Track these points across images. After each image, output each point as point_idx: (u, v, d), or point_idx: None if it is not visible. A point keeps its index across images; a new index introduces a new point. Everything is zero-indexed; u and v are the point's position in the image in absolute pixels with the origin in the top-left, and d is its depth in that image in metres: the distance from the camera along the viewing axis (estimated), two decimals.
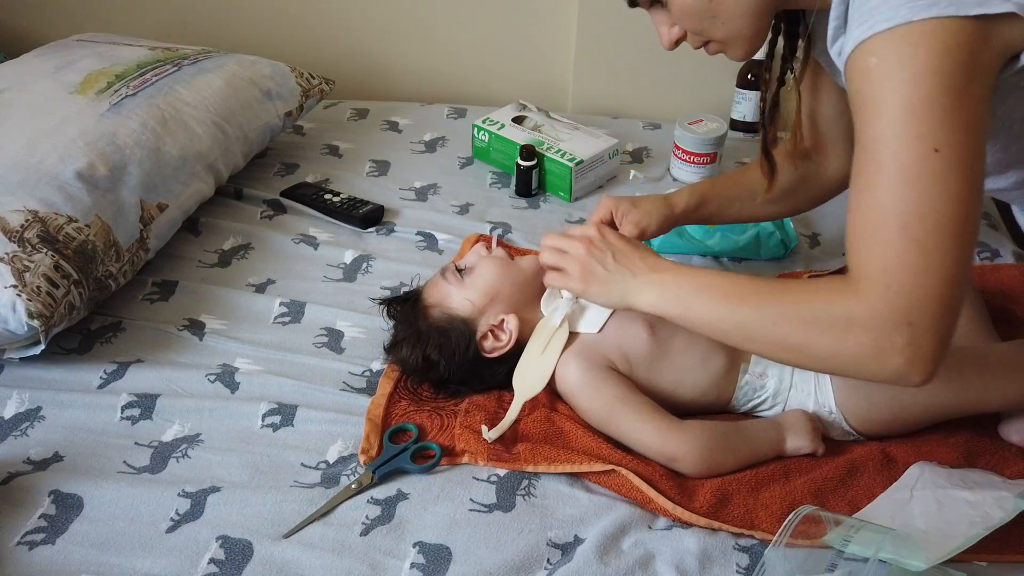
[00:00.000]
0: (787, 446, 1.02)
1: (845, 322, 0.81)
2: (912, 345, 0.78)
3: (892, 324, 0.78)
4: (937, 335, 0.78)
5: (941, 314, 0.78)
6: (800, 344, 0.85)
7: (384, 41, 2.00)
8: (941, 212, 0.76)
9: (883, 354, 0.79)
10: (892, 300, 0.78)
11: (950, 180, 0.76)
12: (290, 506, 0.95)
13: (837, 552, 0.85)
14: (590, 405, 1.04)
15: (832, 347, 0.82)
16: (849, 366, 0.83)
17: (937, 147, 0.75)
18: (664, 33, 0.97)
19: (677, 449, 0.99)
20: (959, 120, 0.75)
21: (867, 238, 0.80)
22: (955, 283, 0.77)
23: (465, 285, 1.11)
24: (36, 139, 1.25)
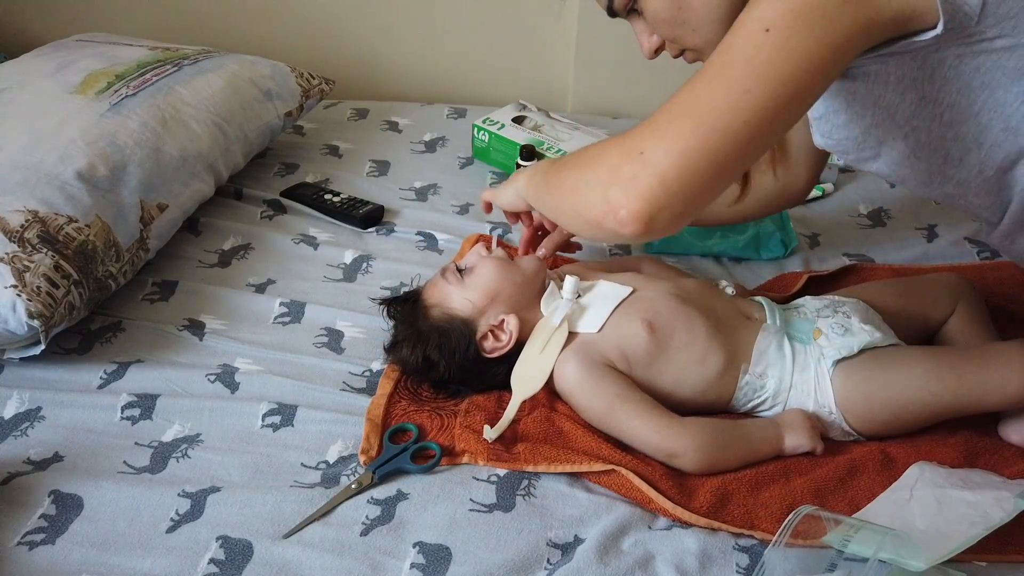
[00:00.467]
0: (786, 444, 1.02)
1: (598, 151, 0.82)
2: (631, 173, 0.77)
3: (628, 151, 0.78)
4: (658, 175, 0.77)
5: (672, 157, 0.76)
6: (567, 182, 0.88)
7: (384, 41, 2.00)
8: (730, 74, 0.75)
9: (608, 180, 0.79)
10: (641, 132, 0.79)
11: (762, 54, 0.75)
12: (290, 506, 0.95)
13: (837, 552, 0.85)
14: (589, 403, 1.04)
15: (578, 177, 0.84)
16: (581, 195, 0.83)
17: (769, 28, 0.75)
18: (644, 42, 0.99)
19: (677, 445, 0.99)
20: (807, 21, 0.75)
21: None
22: (706, 142, 0.76)
23: (465, 285, 1.11)
24: (36, 139, 1.25)
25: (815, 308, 1.13)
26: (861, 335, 1.07)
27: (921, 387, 1.02)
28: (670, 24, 0.93)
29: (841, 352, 1.05)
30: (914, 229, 1.48)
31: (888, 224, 1.50)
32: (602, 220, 0.81)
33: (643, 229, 0.78)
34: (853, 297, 1.15)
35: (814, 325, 1.10)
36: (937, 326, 1.17)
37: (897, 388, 1.02)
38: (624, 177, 0.78)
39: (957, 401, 1.02)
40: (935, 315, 1.17)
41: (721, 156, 0.77)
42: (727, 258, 1.42)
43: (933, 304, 1.17)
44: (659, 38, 0.97)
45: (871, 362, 1.05)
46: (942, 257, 1.40)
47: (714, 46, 0.94)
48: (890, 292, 1.17)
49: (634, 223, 0.78)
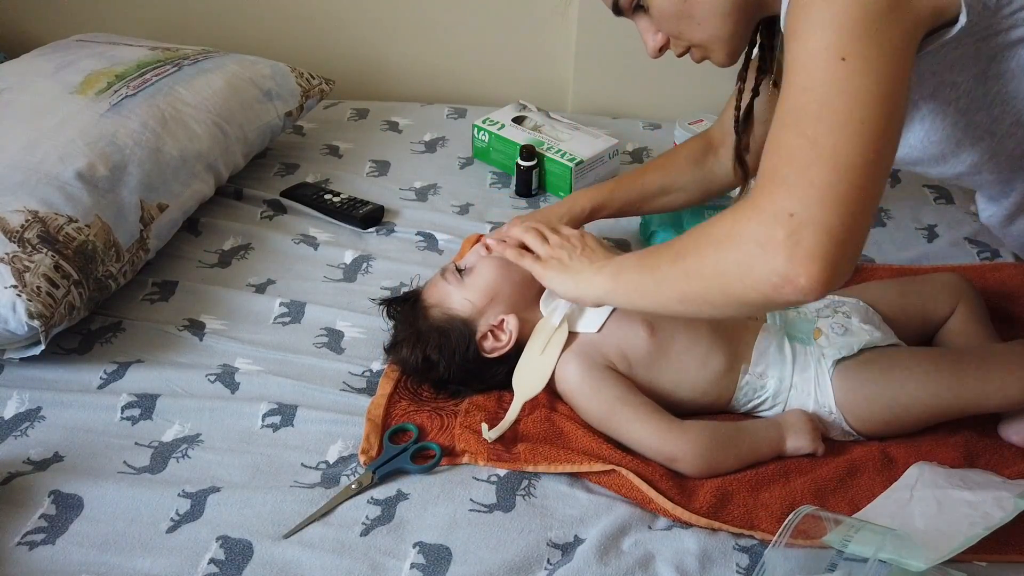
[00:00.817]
0: (787, 446, 1.02)
1: (730, 225, 0.78)
2: (793, 238, 0.72)
3: (773, 217, 0.74)
4: (823, 229, 0.72)
5: (829, 207, 0.73)
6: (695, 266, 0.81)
7: (384, 41, 2.00)
8: (841, 111, 0.74)
9: (765, 252, 0.74)
10: (775, 191, 0.75)
11: (855, 83, 0.74)
12: (290, 506, 0.95)
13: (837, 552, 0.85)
14: (589, 405, 1.04)
15: (719, 256, 0.79)
16: (734, 272, 0.77)
17: (845, 56, 0.74)
18: (648, 40, 0.98)
19: (676, 449, 0.99)
20: (874, 40, 0.74)
21: (767, 149, 0.78)
22: (850, 180, 0.73)
23: (465, 285, 1.11)
24: (36, 139, 1.25)
25: (815, 308, 1.13)
26: (861, 335, 1.07)
27: (921, 388, 1.02)
28: (676, 19, 0.93)
29: (841, 352, 1.05)
30: (914, 229, 1.48)
31: (888, 224, 1.50)
32: (775, 295, 0.75)
33: (827, 289, 0.73)
34: (853, 297, 1.15)
35: (814, 325, 1.10)
36: (937, 326, 1.17)
37: (897, 388, 1.02)
38: (785, 244, 0.73)
39: (957, 402, 1.02)
40: (935, 315, 1.17)
41: (869, 189, 0.75)
42: None
43: (933, 304, 1.17)
44: (663, 36, 0.97)
45: (871, 362, 1.05)
46: (942, 257, 1.40)
47: (720, 41, 0.95)
48: (890, 292, 1.18)
49: (817, 286, 0.73)
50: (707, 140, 1.30)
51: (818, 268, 0.72)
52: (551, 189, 1.58)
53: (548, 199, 1.57)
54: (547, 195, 1.58)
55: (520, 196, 1.57)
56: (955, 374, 1.02)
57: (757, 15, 0.95)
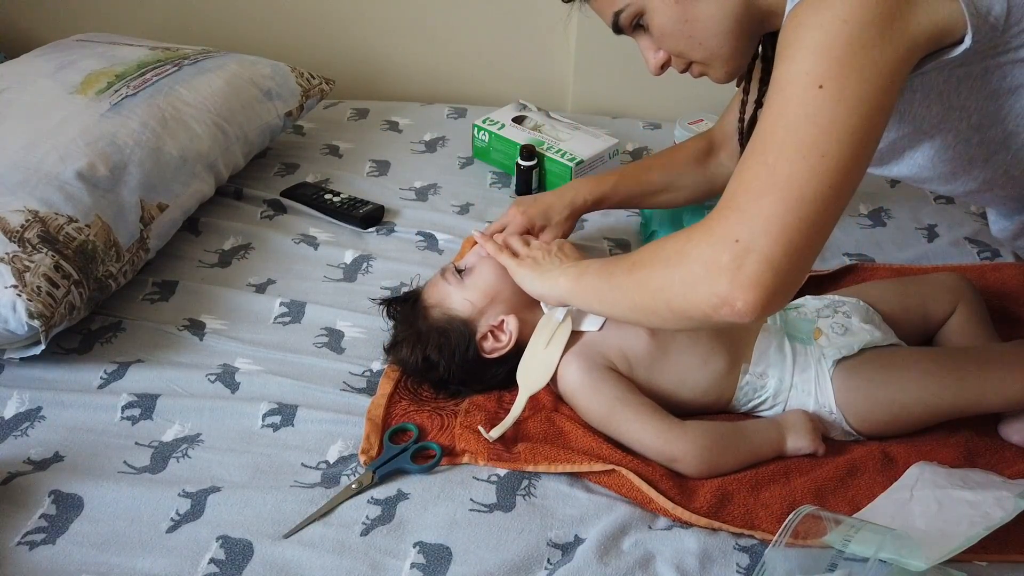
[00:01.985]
0: (787, 446, 1.02)
1: (683, 244, 0.80)
2: (735, 263, 0.75)
3: (720, 241, 0.76)
4: (764, 258, 0.74)
5: (774, 237, 0.74)
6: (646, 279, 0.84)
7: (384, 41, 2.00)
8: (803, 141, 0.74)
9: (709, 273, 0.76)
10: (726, 218, 0.77)
11: (825, 114, 0.74)
12: (290, 506, 0.95)
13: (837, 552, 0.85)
14: (589, 406, 1.04)
15: (669, 274, 0.81)
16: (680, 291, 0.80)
17: (822, 83, 0.74)
18: (650, 58, 0.99)
19: (677, 450, 0.99)
20: (855, 68, 0.74)
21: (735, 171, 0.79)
22: (800, 213, 0.74)
23: (465, 286, 1.11)
24: (36, 139, 1.25)
25: (815, 308, 1.13)
26: (861, 335, 1.07)
27: (921, 388, 1.02)
28: (676, 38, 0.93)
29: (841, 352, 1.05)
30: (914, 229, 1.48)
31: (888, 224, 1.50)
32: (714, 314, 0.78)
33: (762, 315, 0.76)
34: (853, 297, 1.15)
35: (814, 325, 1.10)
36: (937, 326, 1.17)
37: (897, 388, 1.02)
38: (727, 268, 0.75)
39: (957, 402, 1.02)
40: (935, 314, 1.17)
41: (818, 223, 0.76)
42: None
43: (933, 303, 1.17)
44: (664, 54, 0.98)
45: (871, 362, 1.05)
46: (942, 257, 1.40)
47: (720, 59, 0.95)
48: (890, 292, 1.18)
49: (753, 311, 0.76)
50: (709, 140, 1.30)
51: (755, 295, 0.75)
52: (551, 189, 1.58)
53: None
54: None
55: (520, 196, 1.57)
56: (955, 374, 1.02)
57: (758, 32, 0.95)
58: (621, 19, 0.95)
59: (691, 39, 0.93)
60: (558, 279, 1.01)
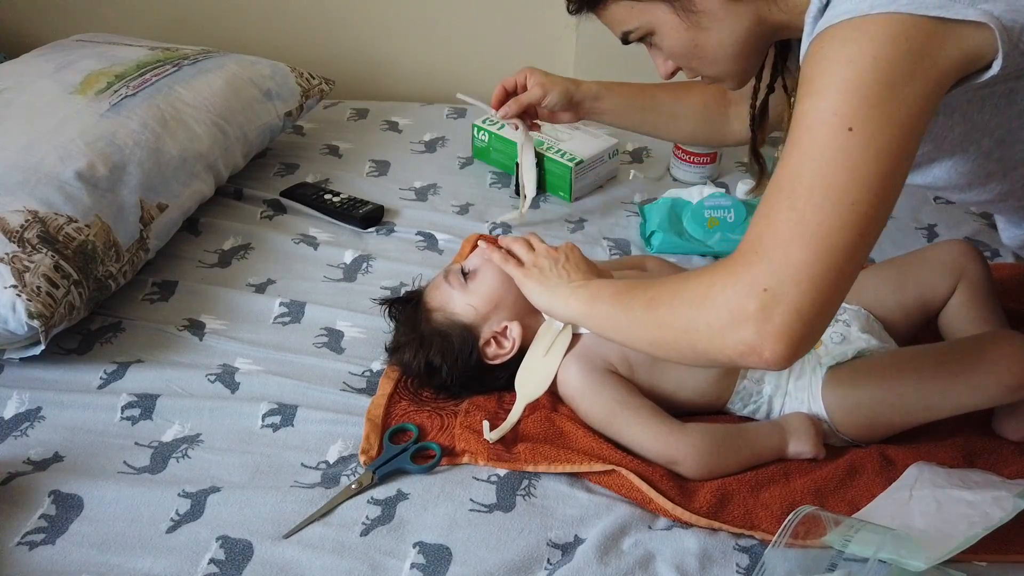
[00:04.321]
0: (789, 450, 1.02)
1: (706, 287, 0.79)
2: (764, 313, 0.74)
3: (747, 288, 0.75)
4: (793, 309, 0.74)
5: (803, 288, 0.74)
6: (667, 318, 0.83)
7: (384, 41, 2.00)
8: (833, 188, 0.73)
9: (736, 320, 0.76)
10: (752, 264, 0.76)
11: (855, 160, 0.73)
12: (290, 506, 0.95)
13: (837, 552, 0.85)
14: (591, 408, 1.04)
15: (691, 314, 0.80)
16: (704, 334, 0.79)
17: (852, 126, 0.73)
18: (659, 65, 0.99)
19: (678, 452, 0.99)
20: (884, 109, 0.73)
21: (759, 211, 0.78)
22: (828, 263, 0.74)
23: (469, 291, 1.10)
24: (36, 139, 1.25)
25: None
26: (858, 343, 1.07)
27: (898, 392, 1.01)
28: (687, 59, 0.94)
29: (835, 359, 1.05)
30: (914, 229, 1.48)
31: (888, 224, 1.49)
32: (740, 360, 0.78)
33: (789, 363, 0.76)
34: (854, 304, 1.14)
35: None
36: (936, 310, 1.16)
37: (875, 392, 1.02)
38: (755, 318, 0.75)
39: (946, 403, 1.01)
40: (934, 301, 1.15)
41: (846, 271, 0.76)
42: None
43: (931, 291, 1.15)
44: (674, 64, 0.98)
45: (859, 368, 1.04)
46: None
47: (733, 76, 0.95)
48: (886, 291, 1.16)
49: (780, 361, 0.76)
50: (722, 90, 1.28)
51: (783, 346, 0.75)
52: (551, 189, 1.58)
53: (548, 199, 1.57)
54: (547, 195, 1.58)
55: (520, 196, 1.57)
56: (938, 374, 1.01)
57: (770, 43, 0.95)
58: (630, 37, 0.95)
59: (702, 60, 0.93)
60: (568, 300, 1.00)
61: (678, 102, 1.30)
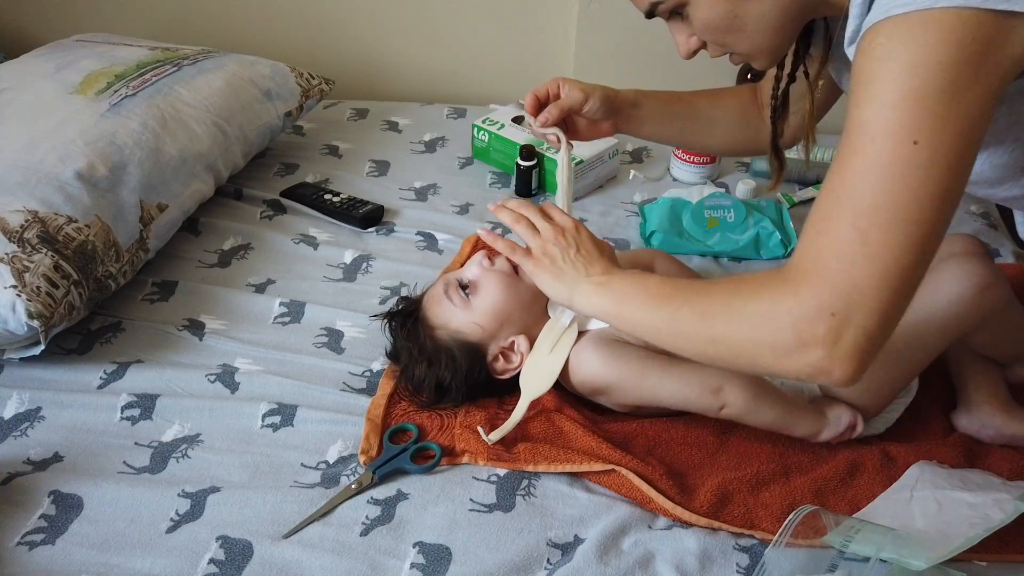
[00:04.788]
0: (828, 414, 1.02)
1: (768, 307, 0.77)
2: (832, 336, 0.74)
3: (815, 312, 0.74)
4: (862, 331, 0.74)
5: (870, 310, 0.73)
6: (723, 335, 0.81)
7: (384, 41, 2.00)
8: (899, 207, 0.72)
9: (803, 344, 0.75)
10: (819, 287, 0.75)
11: (921, 176, 0.71)
12: (290, 506, 0.95)
13: (837, 552, 0.85)
14: (619, 373, 1.02)
15: (753, 335, 0.79)
16: (768, 355, 0.78)
17: (917, 139, 0.71)
18: (682, 43, 0.94)
19: (722, 378, 0.98)
20: (951, 119, 0.71)
21: (815, 221, 0.77)
22: (894, 284, 0.73)
23: (472, 308, 1.08)
24: (36, 139, 1.25)
25: None
26: None
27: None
28: (723, 31, 0.89)
29: None
30: None
31: None
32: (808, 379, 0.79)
33: (857, 380, 0.76)
34: None
35: None
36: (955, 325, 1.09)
37: None
38: (824, 342, 0.74)
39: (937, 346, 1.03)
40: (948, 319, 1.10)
41: (911, 287, 0.75)
42: (727, 258, 1.42)
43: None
44: (698, 40, 0.93)
45: None
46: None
47: (765, 51, 0.91)
48: None
49: (850, 379, 0.76)
50: (754, 93, 1.24)
51: (853, 366, 0.75)
52: (551, 189, 1.58)
53: (548, 199, 1.57)
54: (547, 195, 1.58)
55: (520, 196, 1.57)
56: None
57: (805, 19, 0.91)
58: (660, 9, 0.90)
59: (739, 32, 0.88)
60: (591, 297, 0.93)
61: (715, 107, 1.23)
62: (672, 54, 0.99)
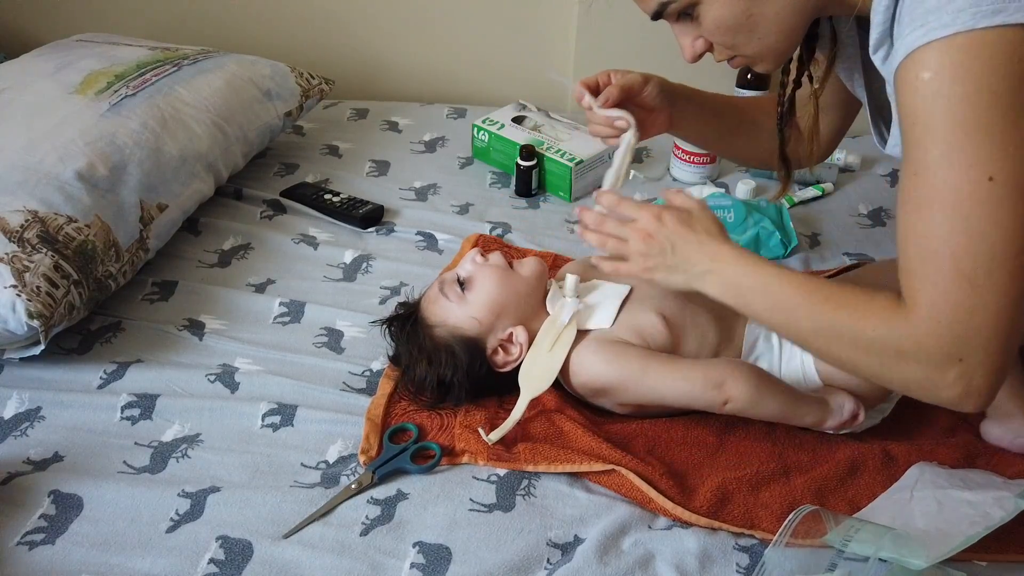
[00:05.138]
0: (831, 403, 1.02)
1: (895, 351, 0.81)
2: (964, 380, 0.78)
3: (943, 359, 0.78)
4: (990, 370, 0.78)
5: (993, 350, 0.77)
6: (851, 361, 0.86)
7: (384, 41, 2.00)
8: (994, 246, 0.74)
9: (935, 386, 0.80)
10: (942, 336, 0.78)
11: (1006, 211, 0.73)
12: (290, 506, 0.95)
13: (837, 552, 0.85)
14: (621, 372, 1.02)
15: (883, 371, 0.84)
16: (900, 389, 0.86)
17: (992, 175, 0.72)
18: (687, 46, 0.93)
19: (725, 372, 0.99)
20: (1016, 144, 0.71)
21: (917, 267, 0.79)
22: (1009, 317, 0.76)
23: (468, 302, 1.08)
24: (36, 139, 1.25)
25: None
26: None
27: None
28: (734, 33, 0.88)
29: None
30: None
31: (888, 224, 1.49)
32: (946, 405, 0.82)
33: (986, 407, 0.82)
34: None
35: None
36: None
37: None
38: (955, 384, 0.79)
39: None
40: None
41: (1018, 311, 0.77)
42: None
43: None
44: (705, 42, 0.92)
45: None
46: None
47: (776, 54, 0.91)
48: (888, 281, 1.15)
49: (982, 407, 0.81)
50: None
51: (984, 400, 0.80)
52: (551, 189, 1.58)
53: (548, 199, 1.57)
54: (547, 195, 1.58)
55: (520, 196, 1.57)
56: None
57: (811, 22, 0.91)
58: (670, 8, 0.89)
59: (750, 34, 0.88)
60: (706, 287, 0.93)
61: (756, 109, 1.20)
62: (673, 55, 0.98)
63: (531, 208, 1.55)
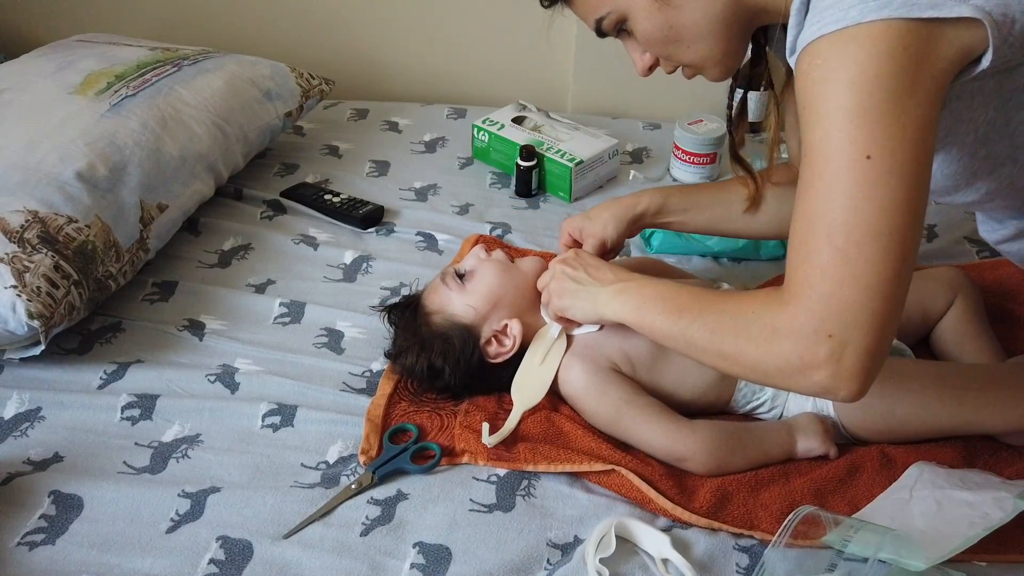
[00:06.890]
0: (798, 448, 1.02)
1: (770, 331, 0.80)
2: (834, 358, 0.76)
3: (813, 335, 0.77)
4: (861, 349, 0.76)
5: (865, 328, 0.75)
6: (732, 353, 0.84)
7: (384, 41, 2.00)
8: (869, 222, 0.74)
9: (807, 366, 0.78)
10: (812, 310, 0.77)
11: (881, 188, 0.73)
12: (290, 506, 0.95)
13: (837, 552, 0.85)
14: (596, 408, 1.04)
15: (759, 356, 0.82)
16: (776, 376, 0.82)
17: (870, 154, 0.73)
18: (637, 59, 0.97)
19: (686, 449, 0.99)
20: (897, 127, 0.73)
21: (796, 246, 0.79)
22: (882, 296, 0.75)
23: (466, 291, 1.10)
24: (36, 139, 1.25)
25: None
26: None
27: (921, 404, 1.01)
28: (663, 43, 0.92)
29: None
30: None
31: None
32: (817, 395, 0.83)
33: (864, 394, 0.79)
34: None
35: None
36: (934, 321, 1.17)
37: (896, 400, 1.02)
38: (826, 363, 0.77)
39: (955, 421, 1.01)
40: (933, 311, 1.17)
41: (899, 295, 0.77)
42: (727, 258, 1.42)
43: (931, 300, 1.16)
44: (652, 56, 0.96)
45: None
46: (941, 257, 1.40)
47: (715, 61, 0.93)
48: None
49: (856, 396, 0.79)
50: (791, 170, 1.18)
51: (857, 384, 0.77)
52: (551, 189, 1.58)
53: (548, 199, 1.57)
54: (547, 195, 1.58)
55: (520, 196, 1.57)
56: (956, 393, 1.01)
57: (750, 28, 0.93)
58: (604, 25, 0.94)
59: (678, 44, 0.91)
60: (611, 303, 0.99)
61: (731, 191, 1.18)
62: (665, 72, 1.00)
63: (531, 208, 1.55)
